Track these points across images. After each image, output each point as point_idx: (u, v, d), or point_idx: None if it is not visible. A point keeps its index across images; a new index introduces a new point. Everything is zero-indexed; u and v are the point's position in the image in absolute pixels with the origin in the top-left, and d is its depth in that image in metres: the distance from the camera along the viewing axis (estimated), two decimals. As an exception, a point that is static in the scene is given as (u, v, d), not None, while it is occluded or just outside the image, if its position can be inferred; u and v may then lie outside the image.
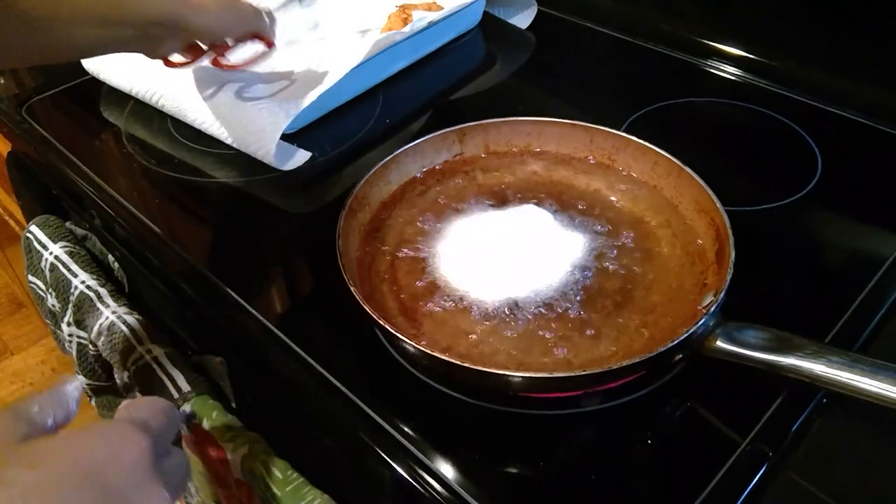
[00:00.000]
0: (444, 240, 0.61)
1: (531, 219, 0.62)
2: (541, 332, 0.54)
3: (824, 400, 0.51)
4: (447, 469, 0.48)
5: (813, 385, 0.47)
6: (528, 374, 0.48)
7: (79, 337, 0.72)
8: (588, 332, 0.53)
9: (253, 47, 0.75)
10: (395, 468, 0.49)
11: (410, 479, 0.48)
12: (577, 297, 0.56)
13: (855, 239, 0.65)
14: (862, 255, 0.63)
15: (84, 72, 0.91)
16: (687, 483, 0.47)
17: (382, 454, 0.50)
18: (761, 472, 0.47)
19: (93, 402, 0.81)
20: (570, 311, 0.55)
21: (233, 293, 0.62)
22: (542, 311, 0.55)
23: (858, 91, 0.79)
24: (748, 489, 0.46)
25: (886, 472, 0.48)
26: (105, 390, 0.77)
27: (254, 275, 0.65)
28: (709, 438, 0.50)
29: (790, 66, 0.83)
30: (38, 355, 1.83)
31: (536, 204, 0.64)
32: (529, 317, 0.55)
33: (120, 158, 0.79)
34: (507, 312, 0.55)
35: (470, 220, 0.63)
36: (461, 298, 0.56)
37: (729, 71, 0.86)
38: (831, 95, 0.79)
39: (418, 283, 0.57)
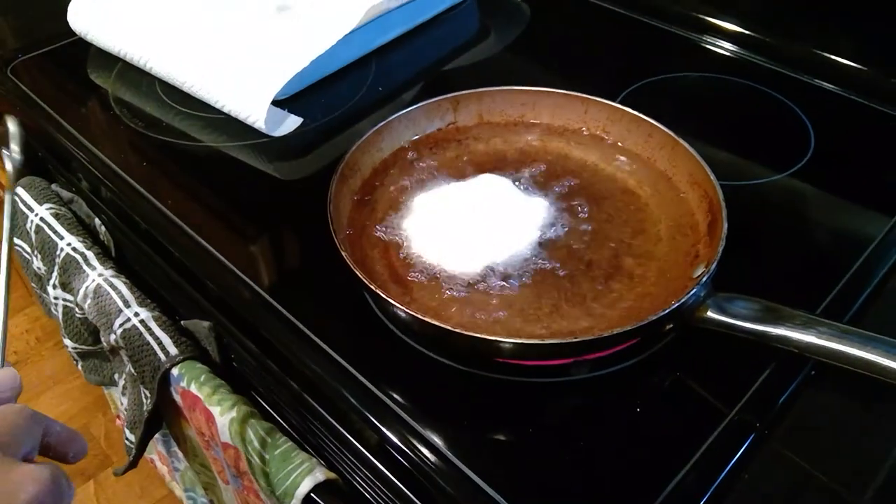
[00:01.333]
0: (434, 207, 0.61)
1: (520, 190, 0.62)
2: (532, 301, 0.53)
3: (812, 372, 0.51)
4: (436, 434, 0.48)
5: (802, 355, 0.48)
6: (518, 341, 0.48)
7: (65, 300, 0.71)
8: (580, 302, 0.53)
9: None
10: (384, 433, 0.49)
11: (400, 444, 0.48)
12: (569, 267, 0.56)
13: (845, 215, 0.65)
14: (852, 232, 0.63)
15: (71, 33, 0.89)
16: (673, 452, 0.47)
17: (372, 419, 0.50)
18: (747, 442, 0.48)
19: (79, 367, 0.81)
20: (561, 282, 0.55)
21: (222, 257, 0.61)
22: (534, 280, 0.55)
23: (853, 69, 0.78)
24: (734, 459, 0.47)
25: (873, 444, 0.48)
26: (91, 354, 0.77)
27: (243, 240, 0.65)
28: (696, 409, 0.50)
29: (785, 42, 0.83)
30: (21, 325, 1.81)
31: (530, 173, 0.64)
32: (521, 286, 0.54)
33: (107, 121, 0.78)
34: (497, 281, 0.55)
35: (461, 187, 0.62)
36: (444, 266, 0.56)
37: (724, 46, 0.86)
38: (826, 73, 0.79)
39: (409, 251, 0.57)
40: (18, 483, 0.35)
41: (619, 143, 0.66)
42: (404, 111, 0.66)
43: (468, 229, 0.58)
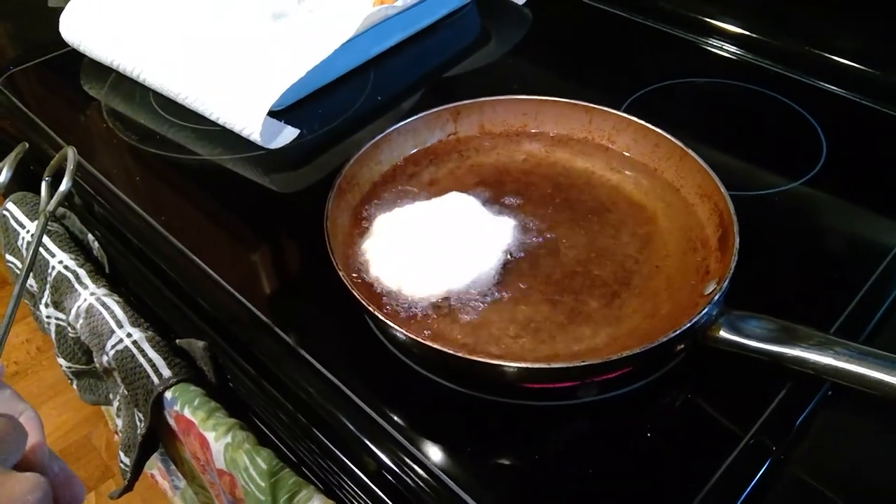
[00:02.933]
0: (436, 223, 0.59)
1: (487, 209, 0.59)
2: (537, 321, 0.51)
3: (829, 392, 0.49)
4: (436, 460, 0.46)
5: (818, 377, 0.46)
6: (523, 365, 0.46)
7: (57, 318, 0.69)
8: (585, 321, 0.51)
9: None
10: (380, 458, 0.47)
11: (397, 469, 0.47)
12: (573, 284, 0.54)
13: (860, 226, 0.63)
14: (867, 243, 0.61)
15: (64, 43, 0.87)
16: (687, 479, 0.45)
17: (368, 443, 0.48)
18: (764, 467, 0.46)
19: (74, 386, 0.79)
20: (566, 299, 0.53)
21: (217, 276, 0.60)
22: (539, 299, 0.53)
23: (863, 72, 0.76)
24: (751, 486, 0.45)
25: (891, 466, 0.46)
26: (86, 373, 0.75)
27: (239, 257, 0.63)
28: (710, 432, 0.48)
29: (793, 45, 0.81)
30: (22, 334, 1.80)
31: (531, 188, 0.62)
32: (526, 306, 0.52)
33: (100, 134, 0.76)
34: (502, 298, 0.53)
35: (426, 206, 0.60)
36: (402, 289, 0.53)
37: (730, 50, 0.84)
38: (836, 76, 0.77)
39: (368, 273, 0.55)
40: (20, 491, 0.34)
41: (625, 153, 0.64)
42: (403, 122, 0.64)
43: (434, 250, 0.55)
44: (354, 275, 0.54)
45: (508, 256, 0.56)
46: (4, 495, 0.34)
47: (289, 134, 0.73)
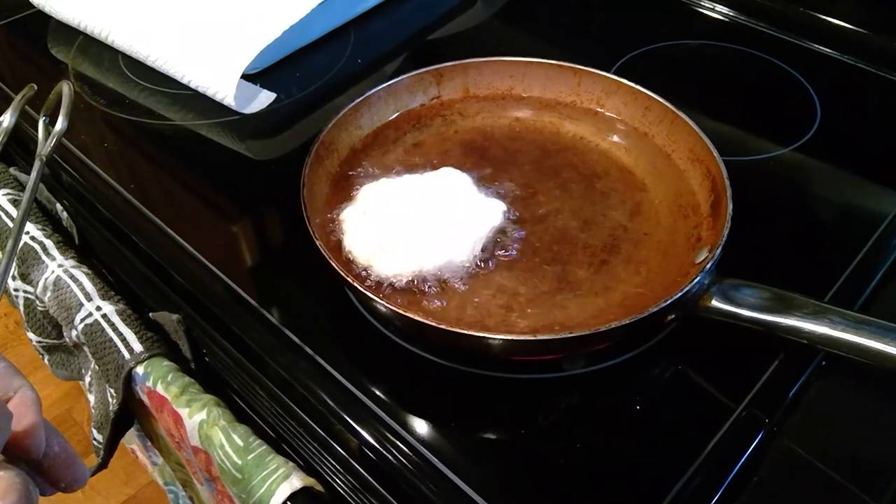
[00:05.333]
0: (423, 197, 0.56)
1: (479, 189, 0.56)
2: (523, 291, 0.50)
3: (823, 363, 0.48)
4: (419, 435, 0.45)
5: (813, 347, 0.44)
6: (508, 337, 0.44)
7: (25, 291, 0.67)
8: (573, 290, 0.50)
9: None
10: (361, 434, 0.46)
11: (378, 447, 0.45)
12: (561, 253, 0.52)
13: (855, 192, 0.61)
14: (862, 210, 0.59)
15: (29, 4, 0.83)
16: (678, 452, 0.44)
17: (348, 418, 0.46)
18: (757, 440, 0.44)
19: (46, 361, 0.77)
20: (554, 268, 0.51)
21: (190, 247, 0.57)
22: (526, 268, 0.51)
23: (859, 34, 0.74)
24: (743, 459, 0.44)
25: (887, 438, 0.45)
26: (57, 348, 0.72)
27: (214, 227, 0.61)
28: (701, 404, 0.47)
29: (787, 7, 0.78)
30: (-6, 312, 1.77)
31: (517, 154, 0.59)
32: (512, 276, 0.50)
33: (67, 99, 0.73)
34: (486, 266, 0.51)
35: (448, 168, 0.58)
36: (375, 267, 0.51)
37: (722, 11, 0.81)
38: (830, 38, 0.75)
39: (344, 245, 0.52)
40: None
41: (615, 117, 0.61)
42: (384, 85, 0.61)
43: (412, 227, 0.52)
44: (333, 245, 0.52)
45: (495, 228, 0.53)
46: None
47: (265, 98, 0.70)
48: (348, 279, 0.46)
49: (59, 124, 0.47)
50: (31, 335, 0.71)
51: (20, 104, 0.48)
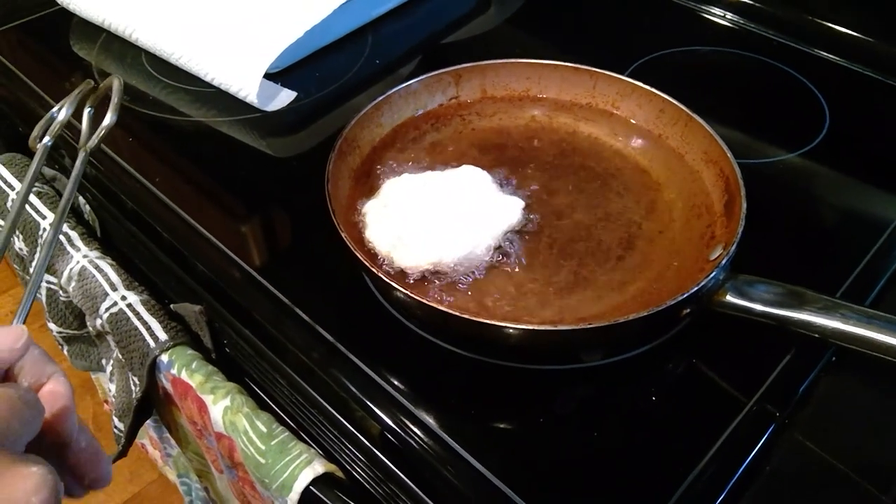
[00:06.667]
0: (443, 193, 0.58)
1: (498, 186, 0.58)
2: (541, 285, 0.51)
3: (833, 358, 0.49)
4: (440, 422, 0.46)
5: (824, 341, 0.46)
6: (528, 327, 0.45)
7: (48, 282, 0.68)
8: (590, 285, 0.51)
9: None
10: (383, 419, 0.47)
11: (400, 432, 0.46)
12: (577, 249, 0.53)
13: (862, 197, 0.62)
14: (869, 214, 0.60)
15: (52, 2, 0.85)
16: (691, 444, 0.45)
17: (370, 404, 0.48)
18: (767, 433, 0.45)
19: (65, 351, 0.78)
20: (570, 263, 0.52)
21: (213, 237, 0.59)
22: (543, 264, 0.52)
23: (868, 43, 0.76)
24: (754, 451, 0.45)
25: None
26: (77, 338, 0.74)
27: (234, 219, 0.62)
28: (714, 397, 0.48)
29: (795, 14, 0.80)
30: (6, 305, 1.78)
31: (534, 153, 0.61)
32: (530, 270, 0.52)
33: (91, 95, 0.74)
34: (504, 260, 0.52)
35: (436, 176, 0.57)
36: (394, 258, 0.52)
37: (732, 19, 0.83)
38: (839, 46, 0.76)
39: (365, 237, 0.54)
40: (23, 490, 0.30)
41: (630, 119, 0.63)
42: (404, 85, 0.63)
43: (432, 221, 0.53)
44: (356, 237, 0.53)
45: (513, 224, 0.55)
46: (3, 494, 0.30)
47: (285, 97, 0.72)
48: (372, 269, 0.47)
49: (108, 118, 0.48)
50: (51, 325, 0.72)
51: (77, 98, 0.49)
